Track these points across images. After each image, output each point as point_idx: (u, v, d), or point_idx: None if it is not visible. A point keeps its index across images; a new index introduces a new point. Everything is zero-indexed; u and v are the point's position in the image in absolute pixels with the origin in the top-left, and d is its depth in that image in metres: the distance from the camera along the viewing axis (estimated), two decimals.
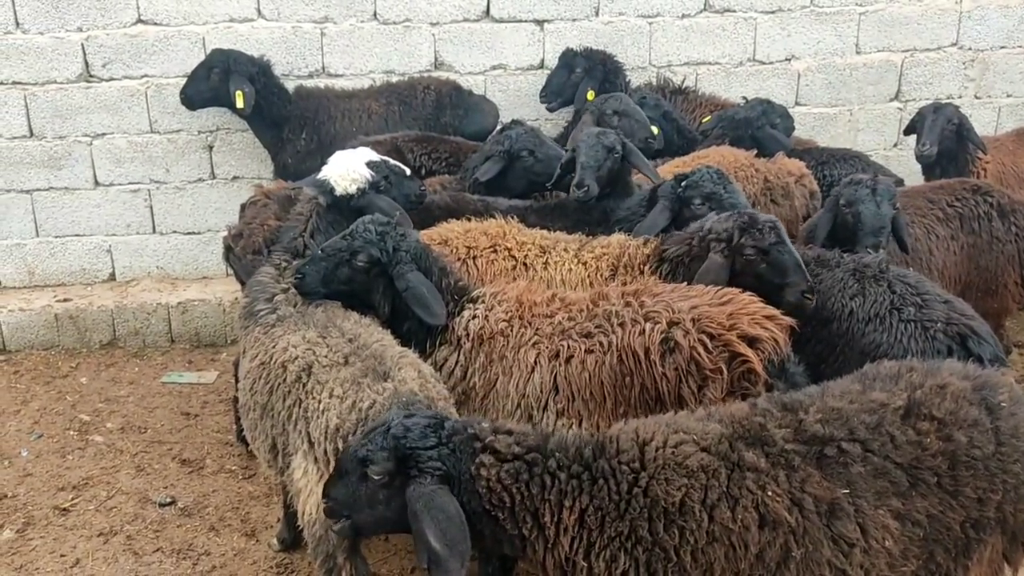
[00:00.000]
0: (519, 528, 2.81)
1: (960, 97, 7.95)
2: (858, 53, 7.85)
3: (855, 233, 4.90)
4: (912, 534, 2.78)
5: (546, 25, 7.48)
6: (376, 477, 2.85)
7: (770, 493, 2.74)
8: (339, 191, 4.74)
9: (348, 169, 4.82)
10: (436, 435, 2.86)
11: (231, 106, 6.79)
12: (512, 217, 4.95)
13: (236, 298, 7.14)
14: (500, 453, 2.83)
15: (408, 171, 5.09)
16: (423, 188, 5.08)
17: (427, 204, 5.35)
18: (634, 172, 5.49)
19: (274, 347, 3.83)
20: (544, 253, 4.66)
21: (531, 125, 6.04)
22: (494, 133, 6.06)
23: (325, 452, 3.41)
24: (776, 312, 3.79)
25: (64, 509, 5.10)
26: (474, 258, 4.70)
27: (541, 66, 7.53)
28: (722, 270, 4.23)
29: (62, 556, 4.71)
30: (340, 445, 3.31)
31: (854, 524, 2.75)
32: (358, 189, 4.75)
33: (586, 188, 5.10)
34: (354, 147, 6.37)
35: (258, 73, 6.85)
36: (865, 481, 2.76)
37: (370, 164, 4.83)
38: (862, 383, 3.01)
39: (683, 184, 4.95)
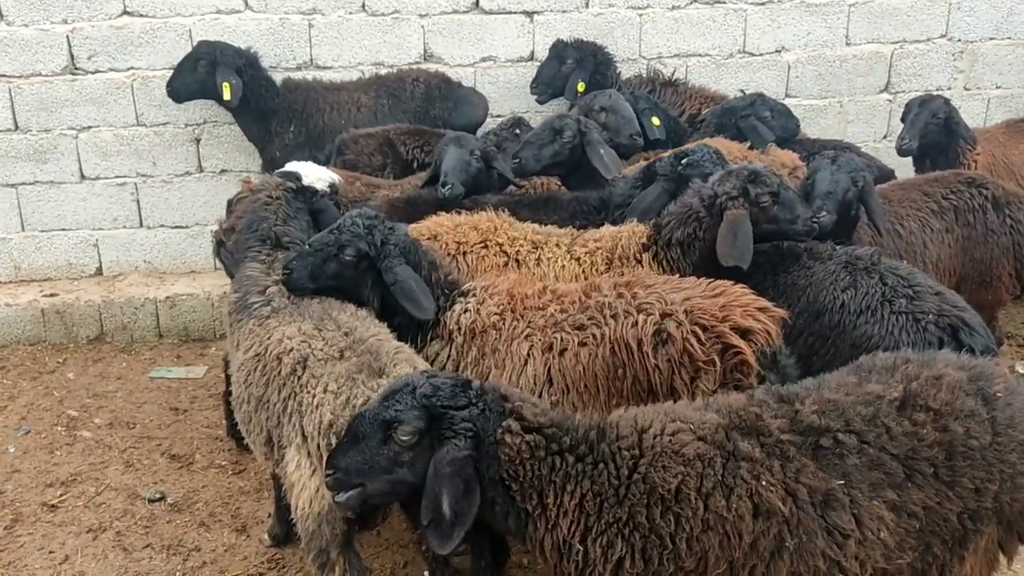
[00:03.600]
0: (526, 503, 2.83)
1: (949, 89, 7.97)
2: (848, 45, 7.86)
3: (808, 199, 4.93)
4: (908, 525, 2.78)
5: (536, 17, 7.45)
6: (405, 438, 2.84)
7: (764, 483, 2.75)
8: (305, 182, 4.70)
9: (317, 169, 4.88)
10: (465, 395, 2.88)
11: (218, 98, 6.73)
12: (503, 210, 4.92)
13: (225, 292, 7.07)
14: (526, 420, 2.85)
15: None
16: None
17: (414, 199, 5.34)
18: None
19: (269, 339, 3.80)
20: (536, 248, 4.64)
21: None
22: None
23: (318, 447, 3.39)
24: (768, 304, 3.79)
25: (52, 505, 5.05)
26: (464, 254, 4.67)
27: (531, 58, 7.50)
28: (746, 222, 4.38)
29: (51, 553, 4.67)
30: (333, 441, 3.29)
31: (849, 515, 2.75)
32: (323, 188, 4.74)
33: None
34: (342, 141, 6.41)
35: (245, 65, 6.80)
36: (861, 472, 2.77)
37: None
38: (858, 375, 3.01)
39: (684, 162, 4.96)
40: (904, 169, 6.89)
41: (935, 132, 6.47)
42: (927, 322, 4.10)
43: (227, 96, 6.63)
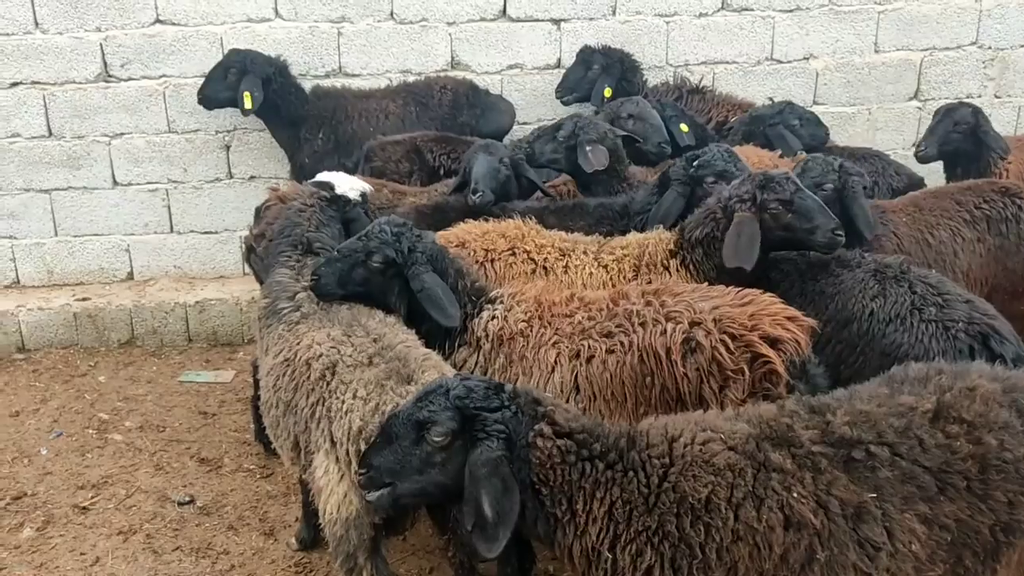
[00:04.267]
0: (556, 508, 2.83)
1: (979, 96, 7.89)
2: (877, 52, 7.81)
3: None
4: (940, 538, 2.75)
5: (563, 24, 7.47)
6: (437, 439, 2.85)
7: (795, 494, 2.73)
8: (338, 191, 4.76)
9: (349, 179, 4.94)
10: (498, 397, 2.88)
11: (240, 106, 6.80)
12: (530, 218, 4.93)
13: (253, 297, 7.17)
14: (558, 425, 2.85)
15: None
16: None
17: (441, 206, 5.36)
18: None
19: (299, 344, 3.84)
20: (564, 256, 4.64)
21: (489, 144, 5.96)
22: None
23: (347, 452, 3.42)
24: (798, 313, 3.77)
25: (84, 507, 5.12)
26: (492, 261, 4.68)
27: (558, 65, 7.52)
28: (752, 225, 4.32)
29: (82, 555, 4.73)
30: (362, 447, 3.31)
31: (881, 528, 2.72)
32: (355, 197, 4.79)
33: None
34: (370, 148, 6.46)
35: (275, 73, 6.87)
36: (893, 485, 2.74)
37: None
38: (890, 386, 2.98)
39: (695, 164, 4.96)
40: (933, 177, 6.83)
41: (959, 140, 6.41)
42: (957, 330, 4.05)
43: (247, 105, 6.70)
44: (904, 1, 7.71)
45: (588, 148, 5.52)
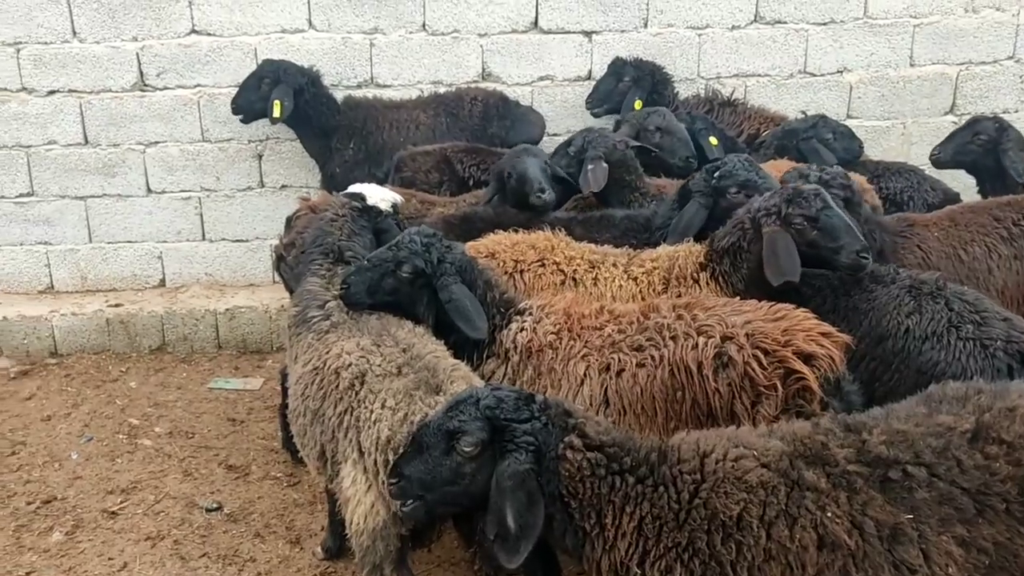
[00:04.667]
0: (584, 522, 2.81)
1: (1016, 111, 7.78)
2: (912, 66, 7.73)
3: None
4: (977, 561, 2.69)
5: (594, 36, 7.46)
6: (468, 449, 2.85)
7: (830, 514, 2.68)
8: (370, 202, 4.77)
9: (380, 190, 4.95)
10: (528, 408, 2.87)
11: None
12: (559, 229, 4.92)
13: (282, 305, 7.20)
14: (589, 438, 2.84)
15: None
16: None
17: (469, 216, 5.36)
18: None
19: (328, 353, 3.84)
20: (593, 268, 4.61)
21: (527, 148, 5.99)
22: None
23: (375, 463, 3.41)
24: (832, 329, 3.71)
25: (112, 512, 5.16)
26: (521, 272, 4.67)
27: (588, 77, 7.52)
28: (784, 238, 4.25)
29: (110, 559, 4.76)
30: (390, 457, 3.30)
31: (917, 550, 2.67)
32: (387, 208, 4.80)
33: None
34: (400, 158, 6.48)
35: (307, 83, 6.93)
36: (930, 507, 2.68)
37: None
38: (928, 405, 2.92)
39: (716, 175, 4.92)
40: (969, 192, 6.73)
41: (977, 153, 6.35)
42: (995, 348, 3.97)
43: (276, 114, 6.75)
44: (940, 15, 7.62)
45: (590, 167, 5.51)
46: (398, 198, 4.99)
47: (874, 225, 5.01)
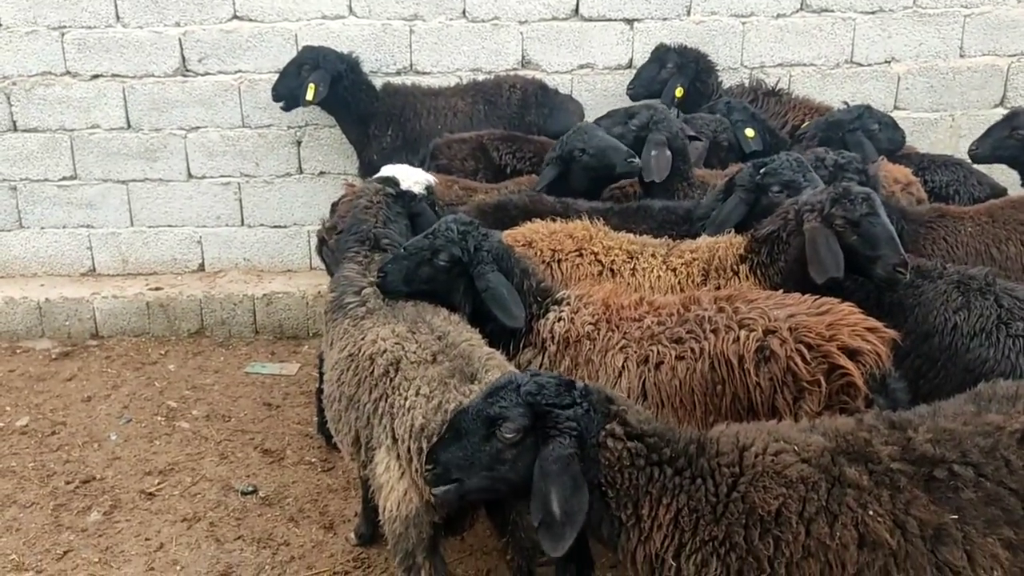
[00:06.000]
0: (621, 512, 2.78)
1: None
2: (962, 56, 7.53)
3: None
4: None
5: (636, 24, 7.37)
6: (509, 435, 2.82)
7: (871, 512, 2.62)
8: (404, 186, 4.75)
9: (413, 172, 4.91)
10: (570, 394, 2.84)
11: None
12: (597, 219, 4.86)
13: (319, 291, 7.24)
14: (630, 426, 2.80)
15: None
16: None
17: (504, 204, 5.32)
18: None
19: (363, 339, 3.83)
20: (632, 259, 4.55)
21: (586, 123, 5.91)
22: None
23: (408, 450, 3.39)
24: (878, 324, 3.62)
25: (150, 493, 5.22)
26: (559, 261, 4.62)
27: (629, 65, 7.43)
28: (826, 235, 4.13)
29: (147, 540, 4.81)
30: (424, 444, 3.29)
31: (961, 551, 2.59)
32: (421, 191, 4.77)
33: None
34: (436, 146, 6.44)
35: (347, 70, 6.93)
36: (976, 507, 2.60)
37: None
38: (976, 403, 2.84)
39: (762, 171, 4.82)
40: (1017, 187, 6.55)
41: (1016, 148, 6.17)
42: None
43: (309, 96, 6.74)
44: (992, 4, 7.42)
45: (653, 153, 5.39)
46: (432, 179, 4.94)
47: (895, 212, 4.87)
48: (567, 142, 5.48)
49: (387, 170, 4.93)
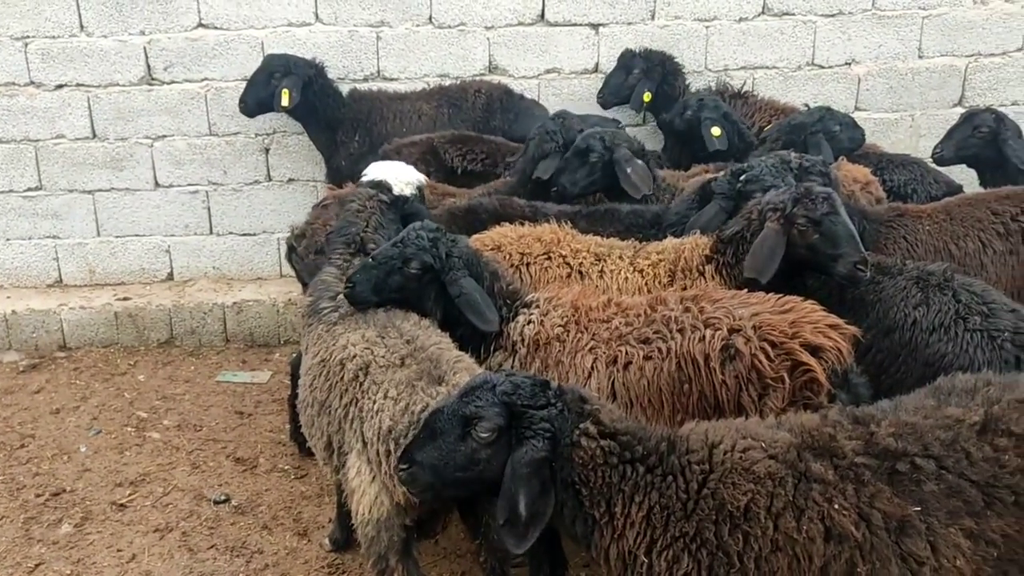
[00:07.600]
0: (594, 510, 2.82)
1: None
2: (920, 57, 7.68)
3: None
4: (986, 554, 2.68)
5: (601, 29, 7.44)
6: (484, 435, 2.84)
7: (837, 506, 2.68)
8: (396, 191, 4.76)
9: (403, 172, 4.89)
10: (544, 395, 2.87)
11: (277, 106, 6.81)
12: (565, 222, 4.91)
13: (290, 299, 7.23)
14: (603, 425, 2.84)
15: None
16: None
17: (474, 208, 5.34)
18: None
19: (334, 344, 3.85)
20: (599, 261, 4.61)
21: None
22: (535, 130, 6.03)
23: (377, 453, 3.42)
24: (840, 321, 3.70)
25: (121, 504, 5.18)
26: (527, 264, 4.67)
27: (595, 70, 7.49)
28: (777, 238, 4.22)
29: (119, 551, 4.78)
30: (392, 447, 3.32)
31: (925, 542, 2.66)
32: (412, 193, 4.78)
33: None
34: (385, 151, 6.42)
35: (314, 76, 6.92)
36: (938, 499, 2.67)
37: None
38: (936, 397, 2.92)
39: (742, 178, 4.86)
40: (974, 185, 6.69)
41: (979, 147, 6.31)
42: (1003, 340, 3.96)
43: (284, 102, 6.73)
44: (949, 6, 7.57)
45: (629, 170, 5.40)
46: (422, 178, 4.95)
47: (856, 213, 4.94)
48: (580, 140, 5.60)
49: (377, 170, 4.90)
